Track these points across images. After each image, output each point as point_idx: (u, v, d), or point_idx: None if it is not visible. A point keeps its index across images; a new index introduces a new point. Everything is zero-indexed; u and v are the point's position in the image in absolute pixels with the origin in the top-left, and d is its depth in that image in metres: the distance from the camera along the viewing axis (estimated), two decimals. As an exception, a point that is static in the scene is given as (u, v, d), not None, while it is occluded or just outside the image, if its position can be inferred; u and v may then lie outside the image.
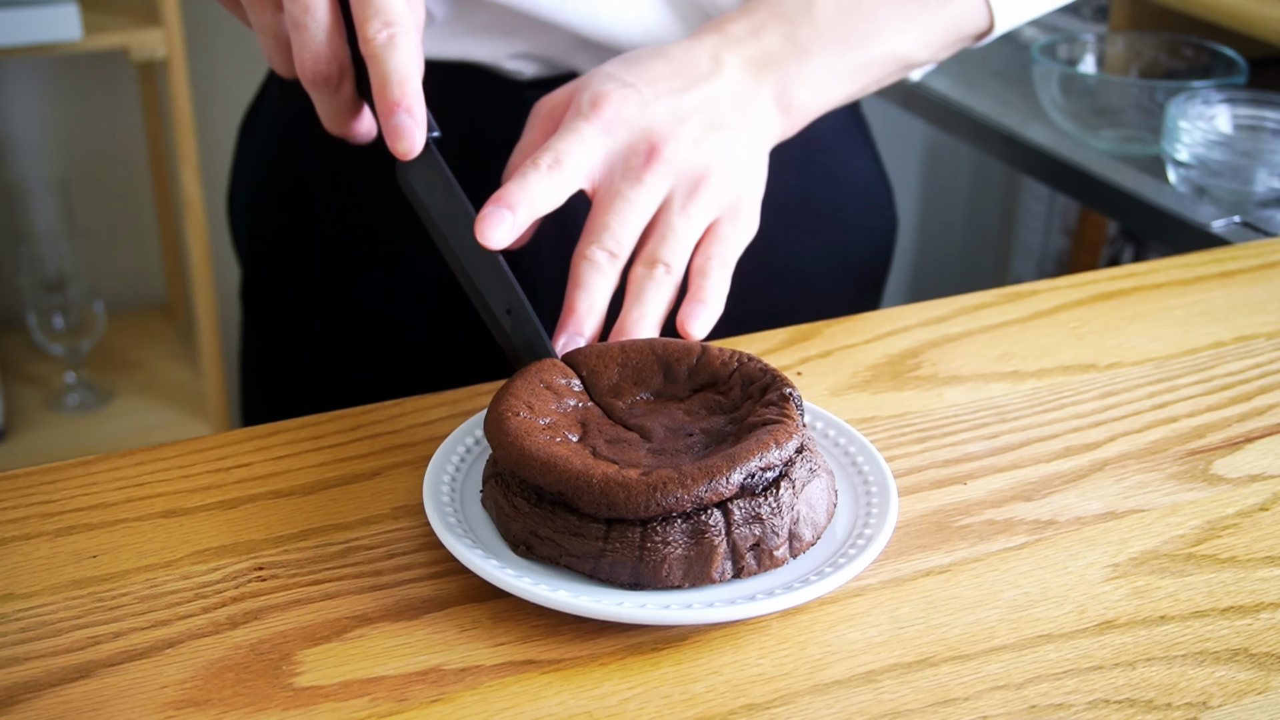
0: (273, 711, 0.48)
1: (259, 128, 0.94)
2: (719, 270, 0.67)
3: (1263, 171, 1.11)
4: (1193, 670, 0.50)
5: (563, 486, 0.52)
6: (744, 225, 0.69)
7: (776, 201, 0.87)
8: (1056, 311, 0.77)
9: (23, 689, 0.49)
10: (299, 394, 0.95)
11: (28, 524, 0.57)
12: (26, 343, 1.95)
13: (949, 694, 0.49)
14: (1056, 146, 1.27)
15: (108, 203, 2.01)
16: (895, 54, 0.77)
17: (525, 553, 0.53)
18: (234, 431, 0.64)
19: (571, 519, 0.52)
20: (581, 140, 0.66)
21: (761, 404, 0.57)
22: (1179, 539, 0.58)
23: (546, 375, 0.59)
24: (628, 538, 0.51)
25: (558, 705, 0.48)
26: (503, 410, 0.56)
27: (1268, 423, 0.66)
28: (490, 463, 0.56)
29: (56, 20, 1.62)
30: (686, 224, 0.66)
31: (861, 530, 0.55)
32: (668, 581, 0.51)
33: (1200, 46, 1.35)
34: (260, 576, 0.54)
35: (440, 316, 0.87)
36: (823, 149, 0.89)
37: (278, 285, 0.94)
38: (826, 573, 0.53)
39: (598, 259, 0.64)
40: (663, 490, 0.51)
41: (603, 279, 0.64)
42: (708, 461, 0.52)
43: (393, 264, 0.87)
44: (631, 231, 0.65)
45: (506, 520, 0.54)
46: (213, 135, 1.99)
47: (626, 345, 0.60)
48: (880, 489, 0.58)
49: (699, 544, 0.51)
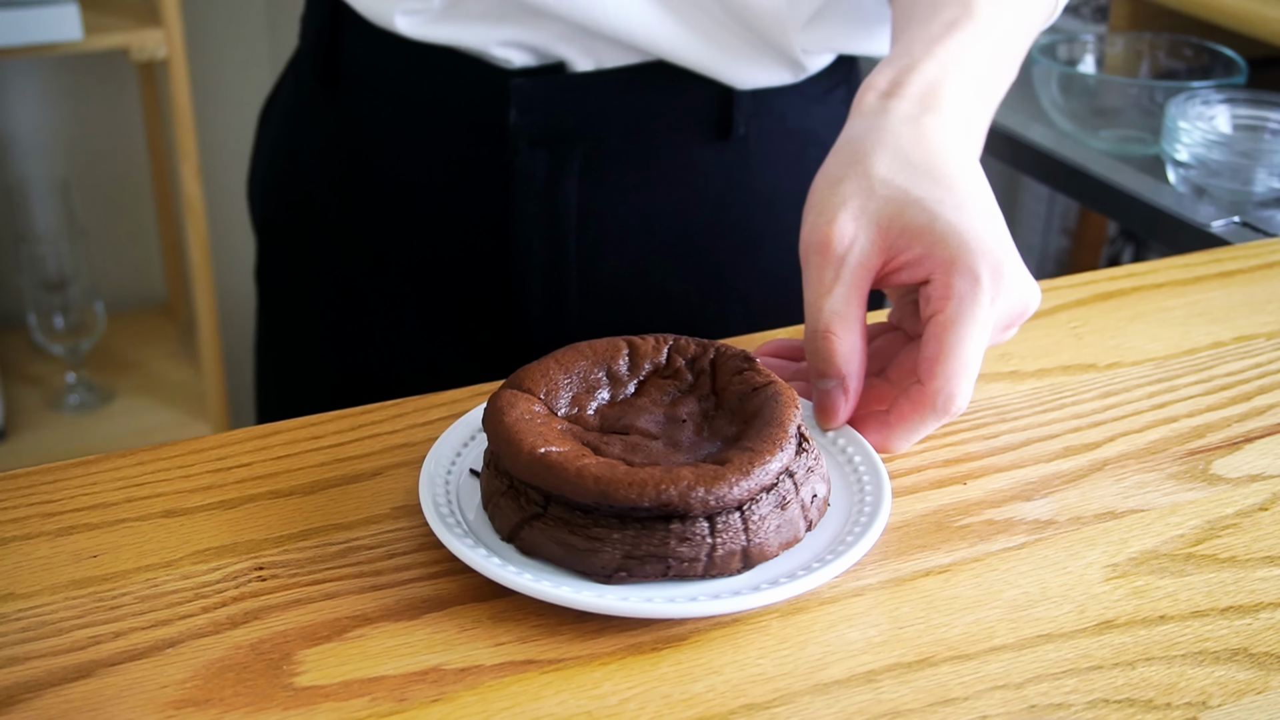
0: (273, 711, 0.48)
1: (274, 115, 0.97)
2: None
3: (1262, 171, 1.11)
4: (1192, 670, 0.50)
5: (664, 500, 0.51)
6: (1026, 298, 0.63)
7: (769, 198, 0.87)
8: (1056, 311, 0.77)
9: (23, 689, 0.49)
10: (306, 381, 0.96)
11: (28, 524, 0.57)
12: (26, 343, 1.95)
13: (949, 694, 0.49)
14: (1056, 146, 1.27)
15: (108, 203, 2.01)
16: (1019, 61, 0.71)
17: (624, 579, 0.52)
18: (234, 431, 0.64)
19: (675, 526, 0.52)
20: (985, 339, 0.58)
21: (732, 374, 0.59)
22: (1179, 539, 0.58)
23: (523, 405, 0.57)
24: (730, 523, 0.53)
25: (558, 705, 0.48)
26: (541, 455, 0.53)
27: (1267, 423, 0.66)
28: (528, 504, 0.54)
29: (56, 20, 1.62)
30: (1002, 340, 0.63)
31: (851, 528, 0.56)
32: (770, 554, 0.54)
33: (1200, 46, 1.35)
34: (260, 576, 0.54)
35: (434, 305, 0.88)
36: (814, 143, 0.89)
37: (285, 268, 0.96)
38: (827, 560, 0.53)
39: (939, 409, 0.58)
40: (755, 470, 0.53)
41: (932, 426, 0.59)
42: (765, 435, 0.55)
43: (390, 249, 0.88)
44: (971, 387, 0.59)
45: (584, 557, 0.52)
46: (213, 135, 1.99)
47: (560, 359, 0.59)
48: (874, 488, 0.58)
49: (784, 509, 0.54)
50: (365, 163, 0.87)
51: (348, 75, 0.87)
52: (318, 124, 0.90)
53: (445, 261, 0.87)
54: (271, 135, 0.96)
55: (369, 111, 0.87)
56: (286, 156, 0.93)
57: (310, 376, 0.96)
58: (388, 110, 0.86)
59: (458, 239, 0.86)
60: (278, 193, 0.95)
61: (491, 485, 0.56)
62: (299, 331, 0.96)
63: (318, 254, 0.92)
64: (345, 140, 0.88)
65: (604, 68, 0.81)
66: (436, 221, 0.86)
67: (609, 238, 0.85)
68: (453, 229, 0.86)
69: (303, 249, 0.93)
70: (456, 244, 0.86)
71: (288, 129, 0.93)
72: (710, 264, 0.87)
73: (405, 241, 0.87)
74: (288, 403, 0.98)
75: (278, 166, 0.95)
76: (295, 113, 0.93)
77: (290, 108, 0.94)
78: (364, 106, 0.87)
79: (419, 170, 0.86)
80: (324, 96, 0.89)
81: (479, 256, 0.86)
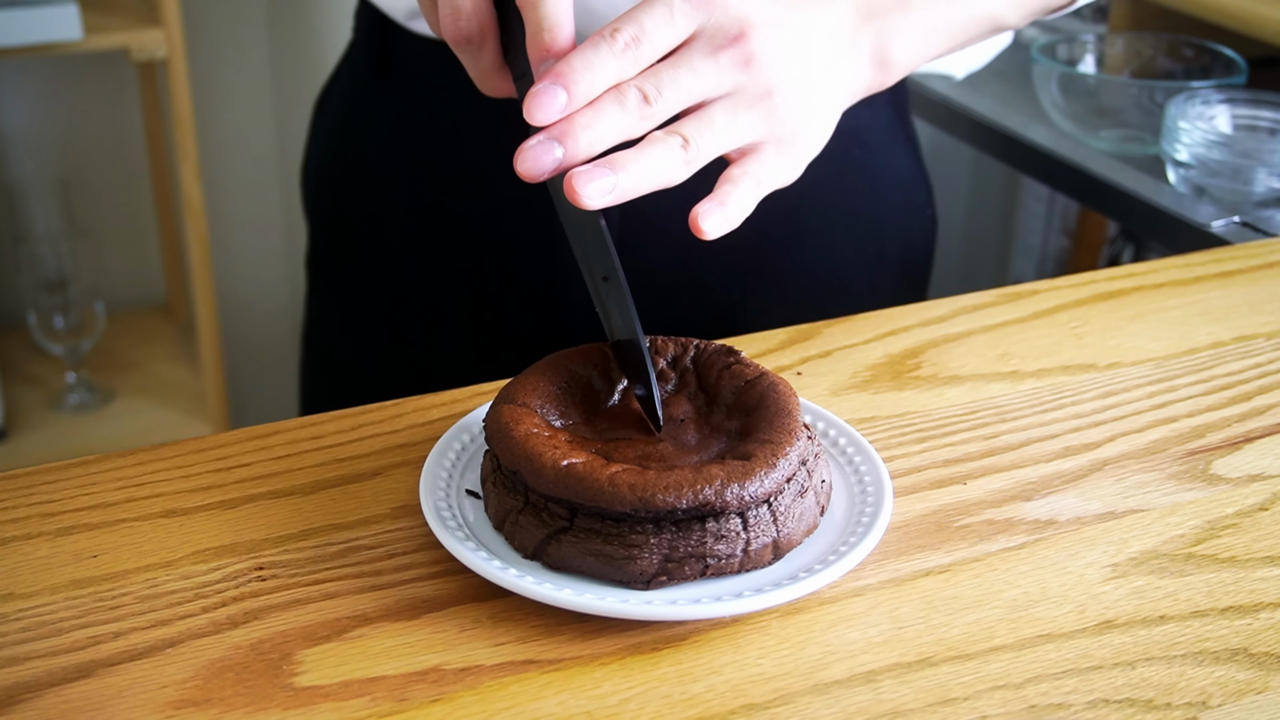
0: (273, 711, 0.48)
1: (329, 104, 0.98)
2: (750, 187, 0.61)
3: (1262, 171, 1.11)
4: (1192, 670, 0.50)
5: (702, 500, 0.51)
6: (788, 162, 0.64)
7: (812, 195, 0.87)
8: (1056, 311, 0.77)
9: (23, 689, 0.49)
10: (354, 368, 0.98)
11: (28, 524, 0.57)
12: (26, 343, 1.95)
13: (949, 694, 0.49)
14: (1056, 146, 1.27)
15: (108, 203, 2.01)
16: (990, 13, 0.74)
17: (664, 583, 0.52)
18: (234, 431, 0.64)
19: (710, 525, 0.52)
20: (669, 13, 0.58)
21: (719, 369, 0.59)
22: (1179, 539, 0.58)
23: (527, 420, 0.56)
24: (761, 516, 0.53)
25: (558, 705, 0.48)
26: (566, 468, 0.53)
27: (1267, 423, 0.66)
28: (552, 518, 0.53)
29: (56, 20, 1.62)
30: (730, 123, 0.60)
31: (854, 529, 0.56)
32: (795, 542, 0.54)
33: (1200, 46, 1.35)
34: (260, 576, 0.54)
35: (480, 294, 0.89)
36: (858, 144, 0.89)
37: (336, 256, 0.97)
38: (831, 560, 0.53)
39: (627, 94, 0.57)
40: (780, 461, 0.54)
41: (622, 114, 0.57)
42: (779, 425, 0.55)
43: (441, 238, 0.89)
44: (679, 95, 0.59)
45: (622, 565, 0.52)
46: (213, 135, 1.99)
47: (545, 370, 0.59)
48: (875, 488, 0.58)
49: (803, 497, 0.55)
50: (418, 153, 0.89)
51: (400, 67, 0.89)
52: (372, 114, 0.92)
53: (493, 252, 0.87)
54: (326, 125, 0.98)
55: (421, 102, 0.88)
56: (341, 146, 0.95)
57: (358, 364, 0.98)
58: (438, 102, 0.87)
59: (506, 229, 0.87)
60: (331, 181, 0.97)
61: (505, 504, 0.55)
62: (348, 319, 0.97)
63: (370, 242, 0.93)
64: (399, 130, 0.89)
65: None
66: (486, 212, 0.87)
67: (651, 231, 0.85)
68: (501, 220, 0.86)
69: (355, 237, 0.95)
70: (504, 234, 0.87)
71: (342, 119, 0.95)
72: (751, 259, 0.88)
73: (456, 231, 0.88)
74: (335, 389, 1.00)
75: (332, 155, 0.96)
76: (350, 103, 0.94)
77: (345, 98, 0.95)
78: (416, 98, 0.88)
79: (469, 161, 0.86)
80: (377, 87, 0.91)
81: (526, 247, 0.86)
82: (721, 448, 0.56)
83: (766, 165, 0.62)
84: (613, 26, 0.57)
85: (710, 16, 0.60)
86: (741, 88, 0.61)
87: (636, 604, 0.51)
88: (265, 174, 2.01)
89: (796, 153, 0.64)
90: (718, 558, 0.52)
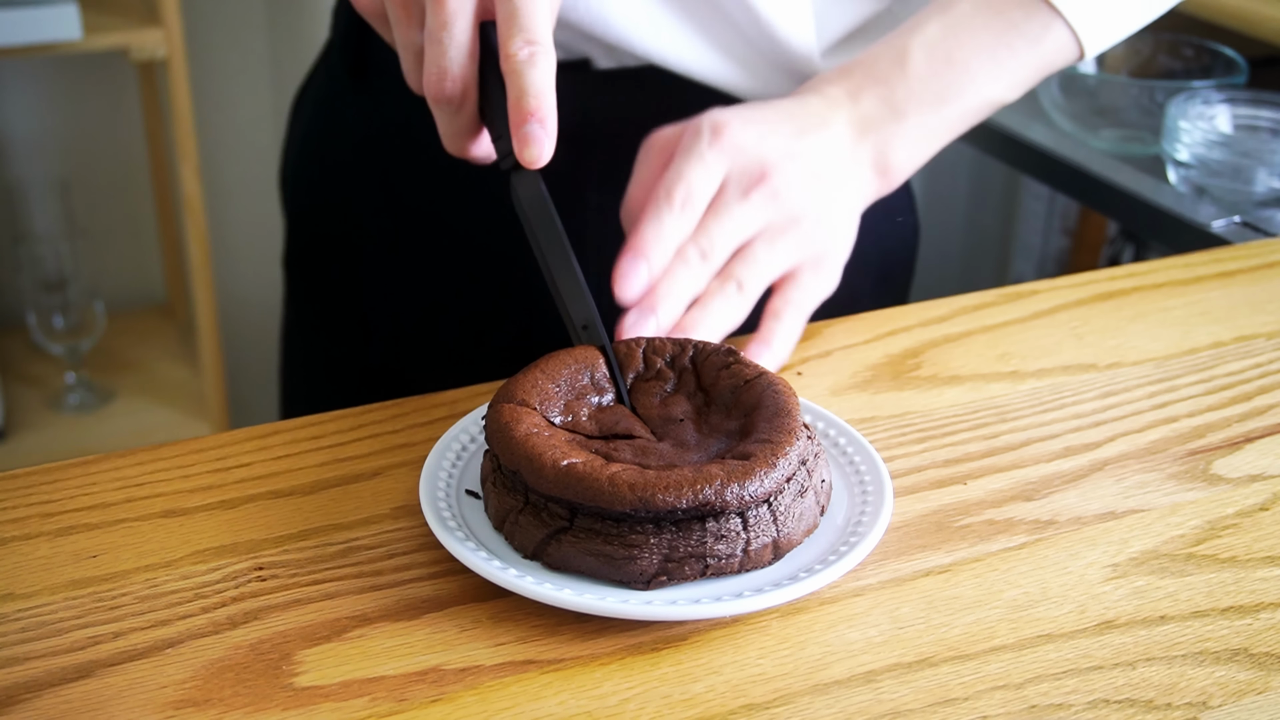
0: (273, 711, 0.48)
1: (306, 105, 0.98)
2: (793, 318, 0.69)
3: (1263, 171, 1.11)
4: (1192, 670, 0.50)
5: (703, 500, 0.51)
6: (825, 278, 0.71)
7: None
8: (1056, 311, 0.77)
9: (23, 689, 0.49)
10: (334, 370, 0.98)
11: (28, 524, 0.57)
12: (26, 343, 1.95)
13: (949, 694, 0.49)
14: (1056, 146, 1.27)
15: (108, 203, 2.01)
16: (988, 100, 0.77)
17: (664, 583, 0.52)
18: (234, 431, 0.64)
19: (710, 525, 0.52)
20: (705, 169, 0.67)
21: (717, 369, 0.60)
22: (1179, 539, 0.58)
23: (527, 419, 0.56)
24: (760, 516, 0.53)
25: (558, 705, 0.48)
26: (566, 468, 0.53)
27: (1268, 423, 0.66)
28: (552, 518, 0.53)
29: (56, 20, 1.62)
30: (770, 256, 0.68)
31: (854, 529, 0.56)
32: (795, 542, 0.54)
33: (1200, 46, 1.35)
34: (260, 576, 0.54)
35: (459, 297, 0.89)
36: None
37: (313, 257, 0.97)
38: (831, 560, 0.53)
39: (690, 256, 0.66)
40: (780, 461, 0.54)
41: (690, 276, 0.66)
42: (779, 425, 0.55)
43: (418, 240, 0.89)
44: (728, 243, 0.67)
45: (622, 565, 0.52)
46: (213, 135, 1.99)
47: (544, 368, 0.59)
48: (875, 488, 0.58)
49: (803, 497, 0.55)
50: (394, 153, 0.88)
51: (377, 67, 0.88)
52: (348, 114, 0.91)
53: (470, 255, 0.87)
54: (303, 125, 0.97)
55: (398, 103, 0.88)
56: (318, 146, 0.95)
57: (338, 365, 0.97)
58: (416, 102, 0.87)
59: (482, 233, 0.86)
60: (309, 182, 0.97)
61: (505, 504, 0.55)
62: (327, 320, 0.97)
63: (347, 243, 0.93)
64: (375, 131, 0.89)
65: (625, 66, 0.82)
66: (462, 214, 0.87)
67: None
68: (477, 223, 0.86)
69: (332, 238, 0.94)
70: (481, 238, 0.87)
71: (319, 119, 0.95)
72: None
73: (432, 233, 0.88)
74: (315, 393, 0.99)
75: (309, 155, 0.96)
76: (326, 103, 0.94)
77: (322, 98, 0.95)
78: (393, 98, 0.88)
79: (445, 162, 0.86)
80: (354, 87, 0.90)
81: (501, 253, 0.86)
82: (721, 447, 0.56)
83: (806, 288, 0.70)
84: (666, 189, 0.67)
85: (734, 160, 0.69)
86: (773, 221, 0.69)
87: (636, 604, 0.51)
88: (265, 174, 2.01)
89: (831, 265, 0.72)
90: (718, 558, 0.52)
